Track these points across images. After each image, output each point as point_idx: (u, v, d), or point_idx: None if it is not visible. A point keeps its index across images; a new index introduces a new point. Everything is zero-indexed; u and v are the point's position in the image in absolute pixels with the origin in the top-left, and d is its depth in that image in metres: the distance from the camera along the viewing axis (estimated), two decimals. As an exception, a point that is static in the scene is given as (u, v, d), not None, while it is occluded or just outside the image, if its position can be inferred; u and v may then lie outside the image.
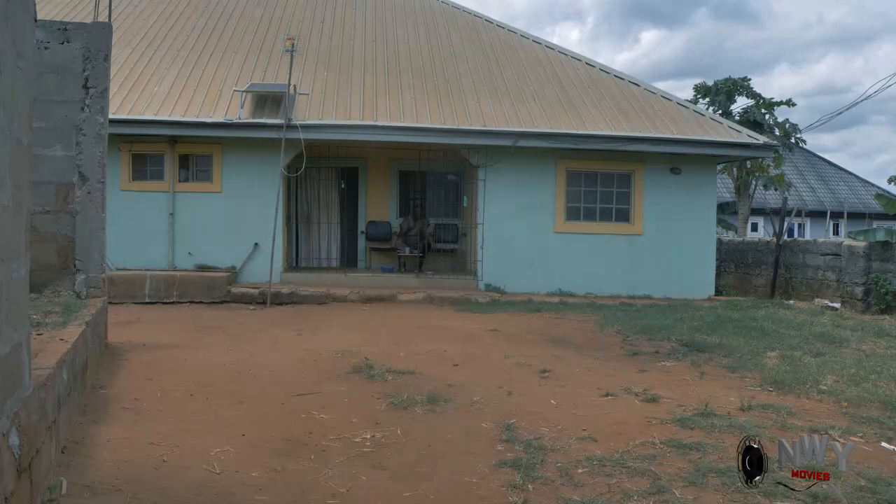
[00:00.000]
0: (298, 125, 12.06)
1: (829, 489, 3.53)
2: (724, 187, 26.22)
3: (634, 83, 15.08)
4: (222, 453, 4.22)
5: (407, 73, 14.32)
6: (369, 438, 4.62)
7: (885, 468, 4.15)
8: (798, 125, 26.19)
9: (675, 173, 13.36)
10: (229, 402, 5.38)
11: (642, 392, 5.93)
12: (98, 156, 6.69)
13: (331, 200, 14.89)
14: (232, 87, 13.01)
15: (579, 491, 3.81)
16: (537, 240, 13.05)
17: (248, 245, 12.63)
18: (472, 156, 12.99)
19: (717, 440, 4.68)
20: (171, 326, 8.96)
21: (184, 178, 12.89)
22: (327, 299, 11.67)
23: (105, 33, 6.81)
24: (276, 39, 15.05)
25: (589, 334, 9.00)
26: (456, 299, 11.85)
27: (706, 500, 3.72)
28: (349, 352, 7.29)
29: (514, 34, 16.84)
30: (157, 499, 3.55)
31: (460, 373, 6.56)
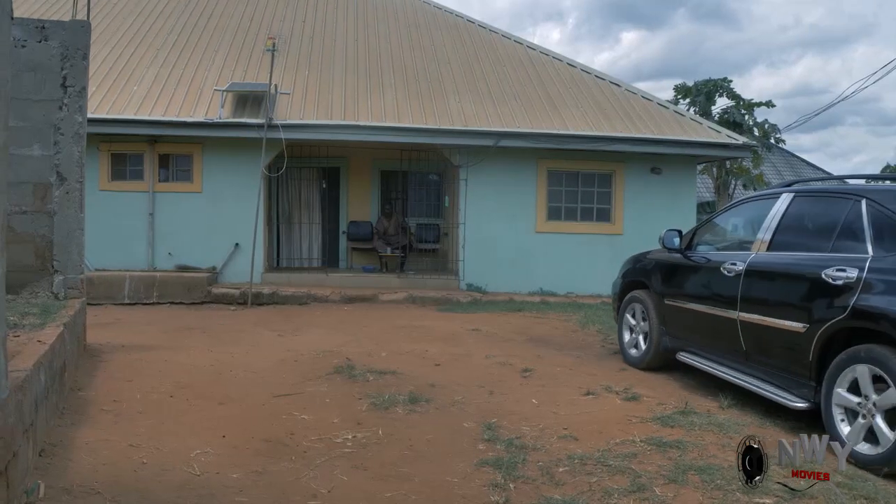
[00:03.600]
0: (279, 125, 12.01)
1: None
2: (704, 187, 26.38)
3: (615, 83, 15.16)
4: (203, 455, 4.19)
5: (388, 73, 14.31)
6: (351, 439, 4.61)
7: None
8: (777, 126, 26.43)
9: (655, 173, 13.43)
10: (210, 404, 5.36)
11: (623, 391, 5.96)
12: (77, 155, 6.62)
13: (312, 200, 14.84)
14: (212, 86, 12.93)
15: (560, 490, 3.82)
16: (519, 239, 13.08)
17: (228, 245, 12.56)
18: (453, 156, 12.99)
19: (697, 438, 4.72)
20: (151, 327, 8.91)
21: (164, 177, 12.80)
22: (309, 299, 11.64)
23: (84, 32, 6.75)
24: (258, 39, 14.98)
25: (570, 334, 9.04)
26: (437, 299, 11.86)
27: (686, 497, 3.75)
28: (330, 352, 7.27)
29: (496, 34, 16.87)
30: (137, 501, 3.52)
31: (442, 373, 6.57)
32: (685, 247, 6.62)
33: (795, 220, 5.43)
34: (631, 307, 7.29)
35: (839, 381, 4.52)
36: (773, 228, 5.49)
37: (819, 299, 4.76)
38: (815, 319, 4.75)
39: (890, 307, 4.25)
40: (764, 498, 3.70)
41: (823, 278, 4.71)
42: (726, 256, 5.94)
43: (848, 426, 4.48)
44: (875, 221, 4.65)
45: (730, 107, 25.75)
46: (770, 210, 5.62)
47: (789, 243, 5.37)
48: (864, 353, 4.38)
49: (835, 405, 4.55)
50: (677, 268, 6.72)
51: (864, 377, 4.35)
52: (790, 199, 5.53)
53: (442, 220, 15.19)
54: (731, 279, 5.65)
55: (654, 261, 7.15)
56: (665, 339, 6.70)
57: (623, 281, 7.59)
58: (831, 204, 5.19)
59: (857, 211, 4.81)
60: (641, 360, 7.02)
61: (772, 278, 5.41)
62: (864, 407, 4.34)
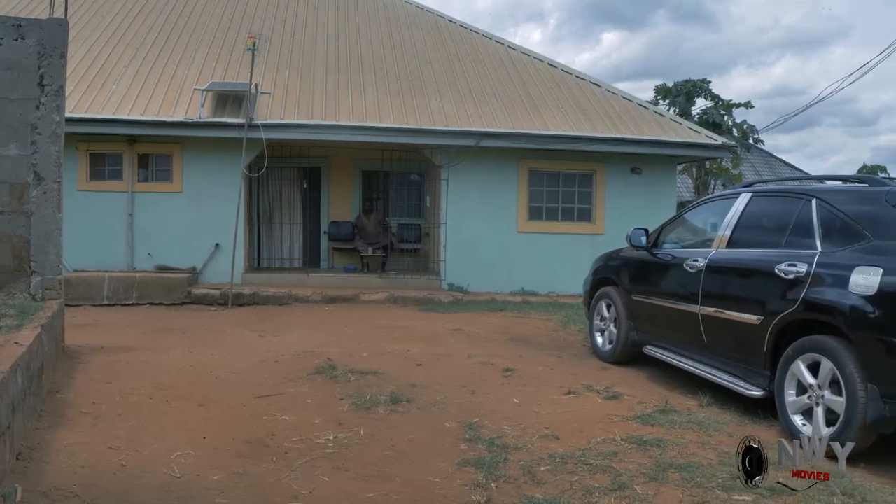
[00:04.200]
0: (260, 125, 11.95)
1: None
2: (684, 187, 26.54)
3: (596, 84, 15.22)
4: (183, 456, 4.17)
5: (370, 73, 14.29)
6: (332, 439, 4.61)
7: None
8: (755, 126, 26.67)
9: (635, 173, 13.51)
10: (190, 405, 5.33)
11: (604, 390, 6.00)
12: (54, 155, 6.55)
13: (293, 200, 14.78)
14: (192, 85, 12.85)
15: (542, 489, 3.84)
16: (500, 239, 13.10)
17: (209, 246, 12.49)
18: (434, 156, 12.99)
19: (677, 436, 4.76)
20: (131, 328, 8.84)
21: (143, 177, 12.70)
22: (290, 300, 11.60)
23: (61, 30, 6.68)
24: (238, 38, 14.90)
25: (551, 333, 9.07)
26: (419, 299, 11.85)
27: (666, 495, 3.78)
28: (312, 352, 7.25)
29: (477, 34, 16.89)
30: (116, 504, 3.50)
31: (423, 373, 6.57)
32: (651, 245, 6.88)
33: (753, 218, 5.71)
34: (601, 303, 7.53)
35: (791, 370, 4.78)
36: (733, 226, 5.78)
37: (772, 293, 5.02)
38: (769, 312, 5.03)
39: (836, 299, 4.50)
40: (743, 495, 3.73)
41: (776, 273, 4.97)
42: (689, 253, 6.21)
43: (799, 413, 4.74)
44: (824, 220, 4.94)
45: (709, 107, 25.95)
46: (730, 209, 5.90)
47: (747, 240, 5.66)
48: (812, 343, 4.66)
49: (787, 392, 4.81)
50: (644, 265, 6.96)
51: (813, 366, 4.63)
52: (748, 198, 5.82)
53: (423, 221, 15.18)
54: (693, 275, 5.91)
55: (623, 258, 7.39)
56: (633, 334, 6.95)
57: (594, 278, 7.85)
58: (785, 203, 5.48)
59: (808, 210, 5.09)
60: (611, 354, 7.25)
61: (730, 274, 5.69)
62: (813, 393, 4.60)
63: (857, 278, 4.38)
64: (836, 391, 4.43)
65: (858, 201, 4.91)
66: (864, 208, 4.78)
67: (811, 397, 4.63)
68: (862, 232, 4.62)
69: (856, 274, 4.40)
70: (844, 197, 5.03)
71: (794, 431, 4.70)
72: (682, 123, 14.62)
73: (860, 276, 4.37)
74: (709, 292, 5.71)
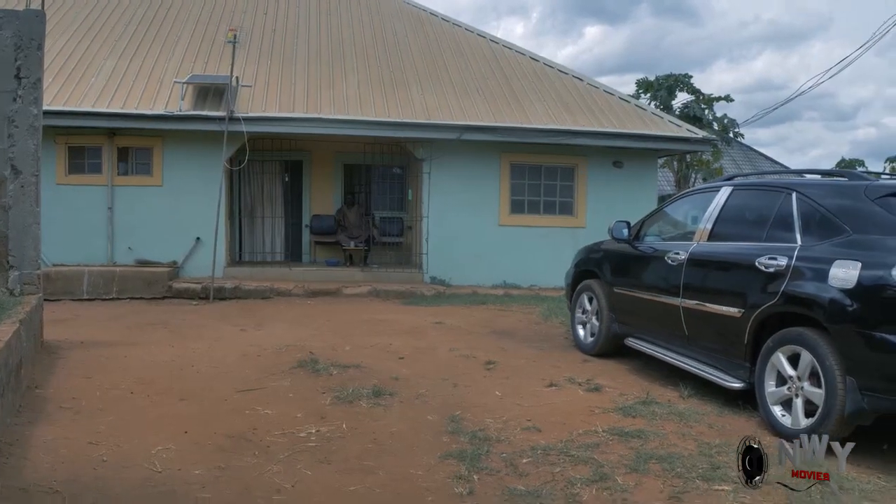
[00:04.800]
0: (241, 118, 11.87)
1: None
2: (665, 180, 26.71)
3: (578, 77, 15.24)
4: (164, 451, 4.15)
5: (351, 66, 14.23)
6: (314, 433, 4.60)
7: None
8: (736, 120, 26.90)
9: (617, 167, 13.55)
10: (171, 400, 5.31)
11: (586, 382, 6.03)
12: (32, 148, 6.48)
13: (274, 194, 14.71)
14: (172, 78, 12.73)
15: (524, 480, 3.86)
16: (482, 233, 13.11)
17: (189, 239, 12.41)
18: (416, 149, 12.97)
19: (658, 427, 4.80)
20: (111, 323, 8.79)
21: (123, 171, 12.58)
22: (271, 294, 11.55)
23: (38, 21, 6.60)
24: (218, 30, 14.78)
25: (533, 326, 9.10)
26: (401, 292, 11.85)
27: (647, 485, 3.81)
28: (294, 346, 7.23)
29: (459, 27, 16.85)
30: (96, 499, 3.48)
31: (406, 366, 6.57)
32: (633, 237, 6.90)
33: (734, 211, 5.74)
34: (583, 296, 7.55)
35: (771, 361, 4.83)
36: (714, 220, 5.81)
37: (753, 286, 5.06)
38: (750, 305, 5.07)
39: (816, 292, 4.55)
40: (723, 485, 3.78)
41: (757, 266, 5.01)
42: (670, 246, 6.25)
43: (779, 404, 4.80)
44: (804, 213, 4.98)
45: (690, 101, 26.14)
46: (711, 202, 5.93)
47: (728, 234, 5.69)
48: (792, 335, 4.71)
49: (767, 384, 4.86)
50: (625, 258, 6.98)
51: (793, 358, 4.68)
52: (729, 191, 5.85)
53: (405, 214, 15.16)
54: (675, 268, 5.94)
55: (605, 251, 7.41)
56: (615, 326, 6.97)
57: (576, 270, 7.87)
58: (766, 196, 5.53)
59: (788, 203, 5.13)
60: (593, 347, 7.28)
61: (711, 267, 5.71)
62: (793, 384, 4.66)
63: (836, 272, 4.43)
64: (816, 383, 4.47)
65: (838, 195, 4.95)
66: (844, 202, 4.82)
67: (791, 389, 4.68)
68: (841, 226, 4.66)
69: (835, 267, 4.44)
70: (824, 191, 5.07)
71: (773, 422, 4.76)
72: (664, 117, 14.67)
73: (839, 270, 4.41)
74: (690, 285, 5.75)
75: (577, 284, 7.73)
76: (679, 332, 5.94)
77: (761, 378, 4.91)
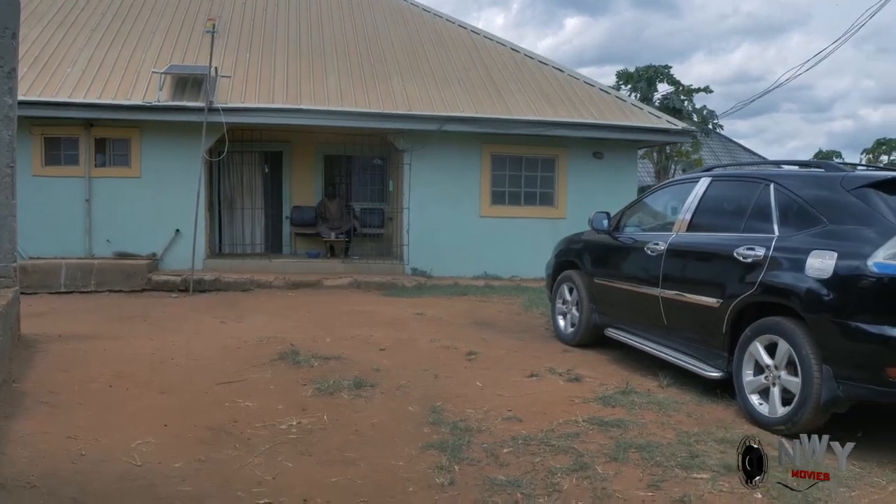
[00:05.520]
0: (220, 108, 11.79)
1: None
2: (645, 171, 26.84)
3: (558, 69, 15.26)
4: (144, 445, 4.13)
5: (332, 57, 14.16)
6: (295, 425, 4.60)
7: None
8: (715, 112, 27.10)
9: (597, 158, 13.60)
10: (151, 393, 5.28)
11: (566, 372, 6.06)
12: (6, 139, 6.38)
13: (254, 185, 14.64)
14: (150, 68, 12.60)
15: (505, 470, 3.88)
16: (463, 224, 13.12)
17: (169, 231, 12.32)
18: (397, 140, 12.95)
19: (638, 417, 4.84)
20: (89, 316, 8.71)
21: (100, 162, 12.45)
22: (252, 286, 11.50)
23: (12, 10, 6.49)
24: (197, 20, 14.64)
25: (514, 317, 9.13)
26: (382, 284, 11.84)
27: (627, 474, 3.84)
28: (274, 338, 7.22)
29: (440, 18, 16.81)
30: (75, 493, 3.46)
31: (387, 357, 6.58)
32: (613, 228, 6.94)
33: (713, 202, 5.80)
34: (563, 286, 7.60)
35: (749, 350, 4.90)
36: (692, 210, 5.86)
37: (731, 276, 5.11)
38: (728, 295, 5.12)
39: (793, 282, 4.60)
40: (701, 473, 3.82)
41: (735, 256, 5.07)
42: (650, 237, 6.28)
43: (756, 393, 4.87)
44: (781, 204, 5.04)
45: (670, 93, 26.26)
46: (690, 193, 5.98)
47: (707, 224, 5.74)
48: (769, 324, 4.77)
49: (744, 373, 4.93)
50: (605, 248, 7.03)
51: (770, 347, 4.75)
52: (708, 182, 5.90)
53: (386, 205, 15.14)
54: (654, 258, 5.99)
55: (585, 242, 7.44)
56: (595, 316, 7.02)
57: (556, 261, 7.91)
58: (744, 187, 5.57)
59: (766, 194, 5.19)
60: (573, 337, 7.33)
61: (690, 257, 5.76)
62: (770, 373, 4.73)
63: (812, 262, 4.48)
64: (793, 372, 4.54)
65: (815, 186, 5.00)
66: (820, 193, 4.87)
67: (768, 377, 4.74)
68: (818, 216, 4.72)
69: (812, 258, 4.50)
70: (801, 182, 5.11)
71: (751, 411, 4.82)
72: (644, 108, 14.73)
73: (816, 260, 4.46)
74: (669, 275, 5.80)
75: (557, 275, 7.77)
76: (658, 323, 5.99)
77: (739, 367, 4.97)
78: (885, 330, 4.12)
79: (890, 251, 4.15)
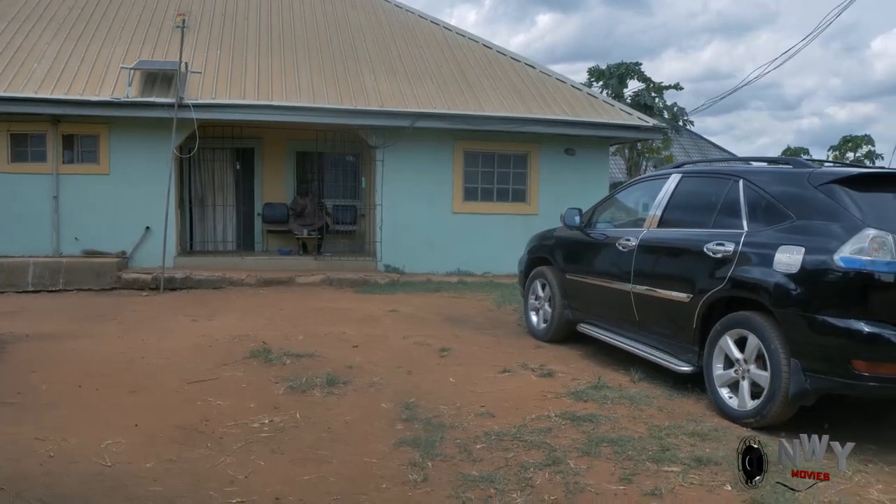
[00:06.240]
0: (191, 104, 11.66)
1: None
2: (616, 168, 27.00)
3: (530, 65, 15.29)
4: (114, 445, 4.09)
5: (303, 52, 14.06)
6: (268, 423, 4.58)
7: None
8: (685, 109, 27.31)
9: (569, 154, 13.65)
10: (121, 392, 5.23)
11: (538, 367, 6.10)
12: (-29, 136, 6.30)
13: (226, 182, 14.51)
14: (119, 63, 12.43)
15: (478, 466, 3.90)
16: (436, 220, 13.12)
17: (139, 229, 12.18)
18: (369, 136, 12.90)
19: (609, 411, 4.89)
20: (58, 315, 8.59)
21: (68, 159, 12.27)
22: (223, 283, 11.41)
23: (-24, 6, 6.40)
24: (167, 14, 14.46)
25: (487, 313, 9.15)
26: (355, 281, 11.81)
27: (599, 468, 3.88)
28: (246, 336, 7.17)
29: (412, 14, 16.76)
30: (44, 496, 3.42)
31: (360, 354, 6.57)
32: (585, 224, 6.98)
33: (683, 198, 5.85)
34: (536, 282, 7.64)
35: (719, 345, 4.96)
36: (663, 206, 5.93)
37: (702, 272, 5.17)
38: (699, 290, 5.18)
39: (761, 277, 4.67)
40: (672, 466, 3.87)
41: (705, 252, 5.12)
42: (621, 233, 6.33)
43: (726, 387, 4.93)
44: (750, 200, 5.10)
45: (641, 90, 26.43)
46: (661, 189, 6.04)
47: (677, 220, 5.80)
48: (739, 319, 4.83)
49: (715, 367, 5.00)
50: (578, 244, 7.07)
51: (740, 341, 4.82)
52: (678, 179, 5.97)
53: (359, 202, 15.09)
54: (626, 254, 6.04)
55: (557, 238, 7.49)
56: (567, 312, 7.07)
57: (529, 257, 7.96)
58: (713, 184, 5.63)
59: (735, 190, 5.25)
60: (546, 333, 7.37)
61: (661, 253, 5.81)
62: (740, 367, 4.80)
63: (780, 257, 4.55)
64: (762, 365, 4.60)
65: (782, 182, 5.07)
66: (788, 189, 4.94)
67: (738, 371, 4.81)
68: (786, 212, 4.78)
69: (780, 253, 4.56)
70: (769, 178, 5.18)
71: (720, 404, 4.88)
72: (615, 105, 14.81)
73: (784, 255, 4.53)
74: (640, 271, 5.85)
75: (530, 271, 7.80)
76: (630, 318, 6.04)
77: (709, 361, 5.03)
78: (852, 323, 4.20)
79: (856, 246, 4.22)
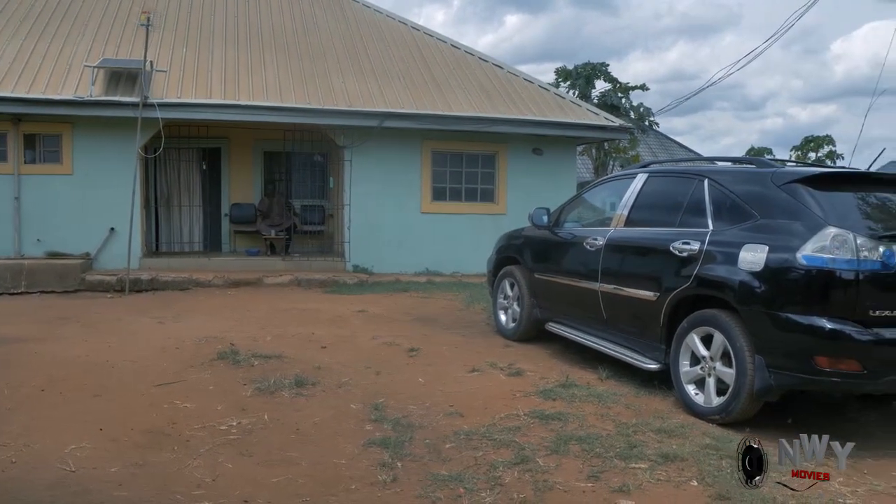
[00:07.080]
0: (156, 104, 11.51)
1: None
2: (584, 167, 27.17)
3: (498, 65, 15.34)
4: (78, 450, 4.04)
5: (270, 51, 13.96)
6: (235, 425, 4.55)
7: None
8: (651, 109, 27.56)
9: (537, 154, 13.71)
10: (85, 396, 5.15)
11: (507, 366, 6.12)
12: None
13: (192, 182, 14.35)
14: (82, 62, 12.24)
15: (447, 465, 3.91)
16: (404, 220, 13.10)
17: (103, 230, 12.00)
18: (337, 136, 12.85)
19: (578, 409, 4.92)
20: (20, 318, 8.44)
21: (30, 159, 12.05)
22: (190, 285, 11.29)
23: (-67, 3, 6.26)
24: (131, 12, 14.25)
25: (456, 312, 9.16)
26: (324, 281, 11.76)
27: (567, 466, 3.91)
28: (214, 338, 7.10)
29: (380, 13, 16.72)
30: (6, 503, 3.36)
31: (328, 355, 6.54)
32: (553, 224, 7.01)
33: (649, 197, 5.91)
34: (504, 282, 7.66)
35: (685, 342, 5.02)
36: (630, 206, 5.98)
37: (668, 270, 5.23)
38: (665, 288, 5.24)
39: (726, 275, 4.74)
40: (640, 463, 3.91)
41: (671, 251, 5.18)
42: (589, 232, 6.38)
43: (692, 384, 5.00)
44: (715, 199, 5.16)
45: (608, 90, 26.64)
46: (627, 189, 6.09)
47: (644, 219, 5.85)
48: (705, 316, 4.90)
49: (681, 364, 5.06)
50: (546, 244, 7.11)
51: (706, 338, 4.88)
52: (645, 178, 6.02)
53: (327, 202, 15.01)
54: (593, 253, 6.09)
55: (525, 237, 7.53)
56: (535, 311, 7.10)
57: (497, 257, 7.98)
58: (679, 183, 5.70)
59: (700, 189, 5.31)
60: (514, 332, 7.41)
61: (628, 252, 5.86)
62: (706, 364, 4.86)
63: (745, 255, 4.62)
64: (727, 363, 4.67)
65: (746, 182, 5.15)
66: (752, 188, 5.02)
67: (704, 368, 4.87)
68: (750, 211, 4.86)
69: (744, 251, 4.63)
70: (734, 178, 5.26)
71: (687, 401, 4.94)
72: (582, 105, 14.92)
73: (748, 254, 4.60)
74: (608, 270, 5.89)
75: (498, 270, 7.83)
76: (597, 316, 6.09)
77: (676, 359, 5.09)
78: (814, 320, 4.28)
79: (818, 244, 4.30)
